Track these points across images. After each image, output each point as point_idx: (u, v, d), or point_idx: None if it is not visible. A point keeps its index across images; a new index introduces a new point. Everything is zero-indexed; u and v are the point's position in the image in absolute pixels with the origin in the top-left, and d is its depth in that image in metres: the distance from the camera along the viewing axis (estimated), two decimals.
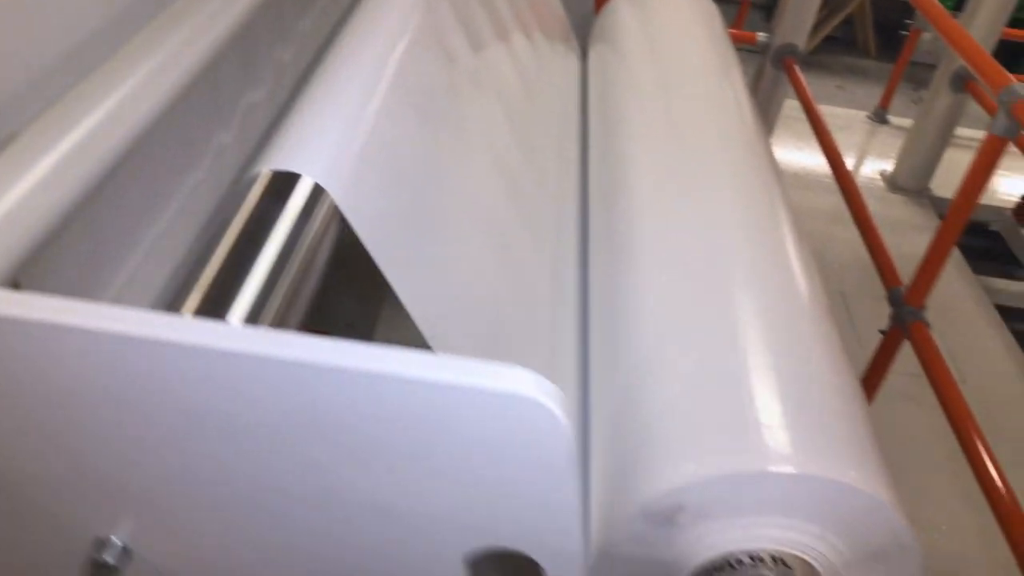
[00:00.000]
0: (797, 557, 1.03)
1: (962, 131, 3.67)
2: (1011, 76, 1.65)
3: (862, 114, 4.01)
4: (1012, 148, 1.67)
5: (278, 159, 0.77)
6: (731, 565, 0.99)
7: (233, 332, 0.40)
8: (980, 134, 3.92)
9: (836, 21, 5.82)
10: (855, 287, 2.81)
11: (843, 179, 2.35)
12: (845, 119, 3.97)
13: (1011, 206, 3.43)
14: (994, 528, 1.58)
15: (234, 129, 0.98)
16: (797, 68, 2.98)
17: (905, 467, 2.15)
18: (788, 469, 0.95)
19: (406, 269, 0.83)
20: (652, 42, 2.03)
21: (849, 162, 3.65)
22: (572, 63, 2.19)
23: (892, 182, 3.46)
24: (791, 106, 3.19)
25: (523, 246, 1.32)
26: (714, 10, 2.29)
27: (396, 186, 0.93)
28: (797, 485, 0.95)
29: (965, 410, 1.66)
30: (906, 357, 1.99)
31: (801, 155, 3.58)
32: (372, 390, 0.40)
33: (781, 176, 1.56)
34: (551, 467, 0.42)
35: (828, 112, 3.97)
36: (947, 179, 3.53)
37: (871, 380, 1.99)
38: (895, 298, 1.91)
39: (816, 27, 5.80)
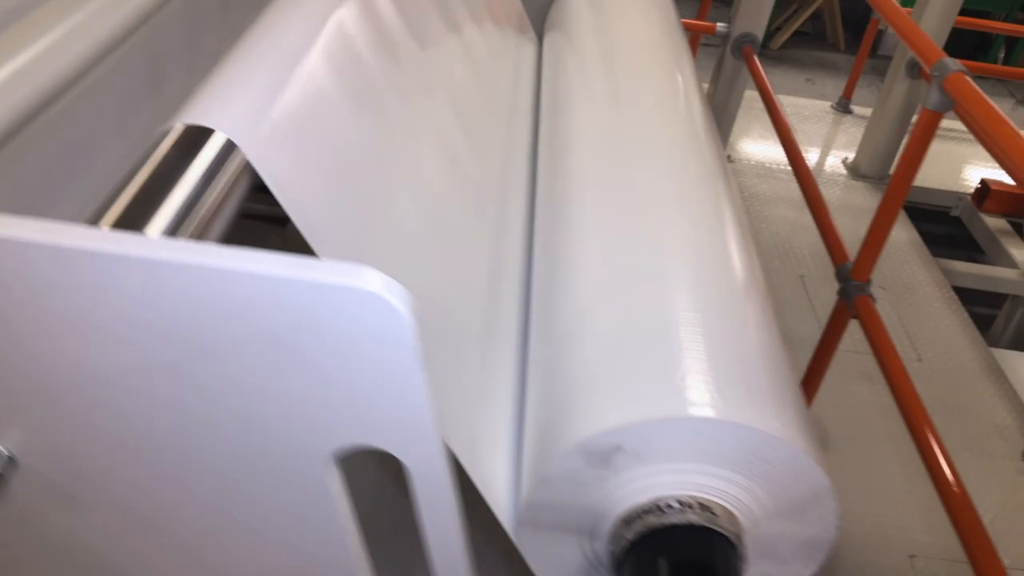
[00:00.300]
0: (722, 505, 1.07)
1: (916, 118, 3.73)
2: (943, 52, 1.70)
3: (827, 104, 4.07)
4: (970, 135, 1.69)
5: (192, 114, 0.80)
6: (660, 509, 1.02)
7: (92, 234, 0.43)
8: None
9: (805, 16, 5.89)
10: (815, 271, 2.86)
11: (798, 165, 2.39)
12: (810, 109, 4.02)
13: (970, 191, 3.49)
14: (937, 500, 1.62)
15: (184, 78, 1.00)
16: (756, 58, 3.03)
17: (856, 441, 2.19)
18: (718, 415, 0.98)
19: (328, 232, 0.86)
20: (602, 28, 2.07)
21: (813, 151, 3.71)
22: (527, 48, 2.23)
23: (854, 169, 3.51)
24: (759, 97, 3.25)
25: (460, 217, 1.35)
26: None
27: (320, 149, 0.95)
28: (726, 433, 0.99)
29: (908, 384, 1.70)
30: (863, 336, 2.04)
31: (767, 145, 3.62)
32: (223, 287, 0.43)
33: (725, 159, 1.61)
34: (399, 363, 0.45)
35: (794, 103, 4.03)
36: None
37: (822, 355, 2.03)
38: (842, 274, 1.95)
39: (785, 22, 5.87)
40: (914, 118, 3.44)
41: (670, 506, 1.03)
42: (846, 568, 1.92)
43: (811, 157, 3.65)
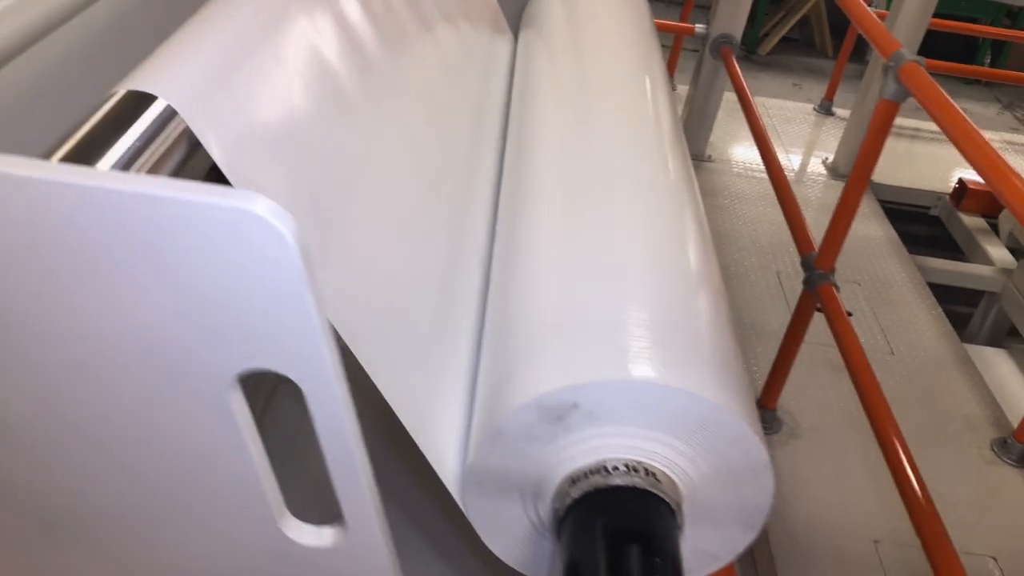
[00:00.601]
0: (665, 472, 1.10)
1: (899, 120, 3.78)
2: (899, 43, 1.74)
3: (809, 107, 4.12)
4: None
5: (135, 79, 0.83)
6: (607, 470, 1.06)
7: None
8: (914, 122, 4.03)
9: (792, 23, 5.95)
10: (791, 267, 2.90)
11: (770, 161, 2.44)
12: (793, 111, 4.07)
13: (949, 191, 3.53)
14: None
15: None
16: (734, 58, 3.08)
17: (824, 430, 2.23)
18: (674, 383, 1.02)
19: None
20: (573, 26, 2.12)
21: (795, 151, 3.75)
22: (502, 46, 2.27)
23: (834, 169, 3.56)
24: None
25: (421, 201, 1.39)
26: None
27: (268, 121, 0.99)
28: (678, 400, 1.03)
29: (868, 372, 1.74)
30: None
31: (748, 146, 3.66)
32: (110, 208, 0.46)
33: (686, 154, 1.66)
34: (287, 286, 0.48)
35: (778, 104, 4.07)
36: (887, 165, 3.64)
37: (790, 342, 2.07)
38: (807, 263, 1.99)
39: (773, 28, 5.93)
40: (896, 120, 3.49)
41: (616, 468, 1.07)
42: (812, 552, 1.95)
43: (793, 158, 3.69)
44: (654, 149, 1.56)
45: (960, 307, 3.49)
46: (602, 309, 1.13)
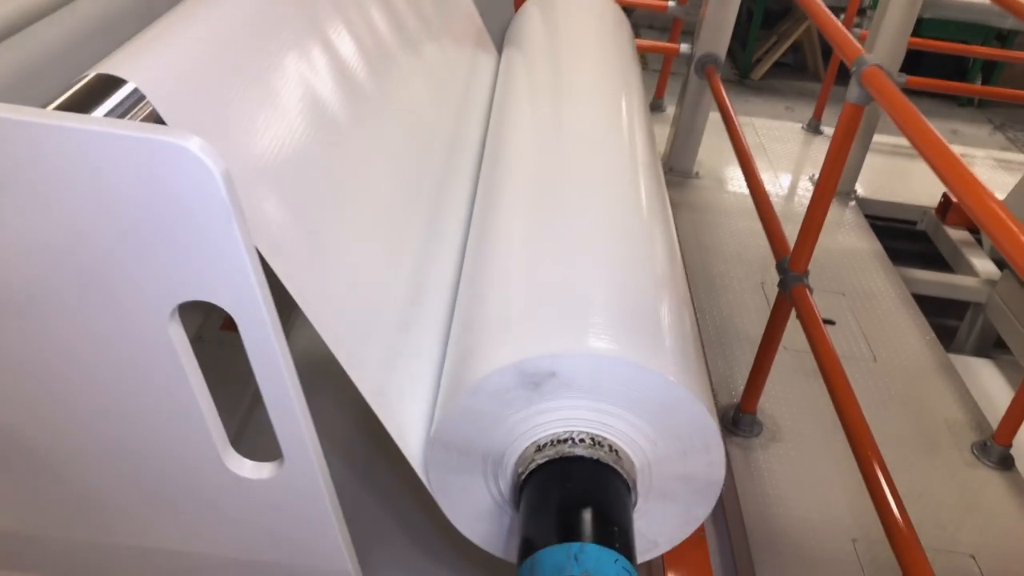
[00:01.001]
0: (625, 450, 1.15)
1: (883, 138, 3.84)
2: (862, 49, 1.80)
3: (798, 126, 4.18)
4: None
5: (107, 63, 0.89)
6: (574, 440, 1.11)
7: None
8: (898, 139, 4.09)
9: (785, 47, 6.05)
10: (775, 278, 2.93)
11: (750, 175, 2.50)
12: (781, 131, 4.14)
13: (935, 205, 3.57)
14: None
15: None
16: (718, 77, 3.15)
17: (804, 432, 2.26)
18: (649, 367, 1.07)
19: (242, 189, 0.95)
20: (552, 45, 2.20)
21: (784, 169, 3.81)
22: (486, 62, 2.34)
23: None
24: (742, 122, 3.36)
25: (397, 203, 1.44)
26: (621, 17, 2.46)
27: (233, 109, 1.04)
28: (651, 382, 1.08)
29: (841, 373, 1.77)
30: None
31: (734, 163, 3.72)
32: (51, 143, 0.51)
33: (658, 165, 1.72)
34: (216, 218, 0.53)
35: (766, 124, 4.15)
36: (873, 180, 3.70)
37: (768, 343, 2.11)
38: (782, 266, 2.04)
39: (766, 54, 6.02)
40: (876, 137, 3.56)
41: (583, 440, 1.11)
42: (792, 552, 1.97)
43: (782, 175, 3.74)
44: (626, 158, 1.62)
45: (949, 320, 3.52)
46: (578, 293, 1.19)
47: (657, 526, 1.20)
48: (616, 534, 1.04)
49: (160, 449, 0.67)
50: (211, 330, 1.89)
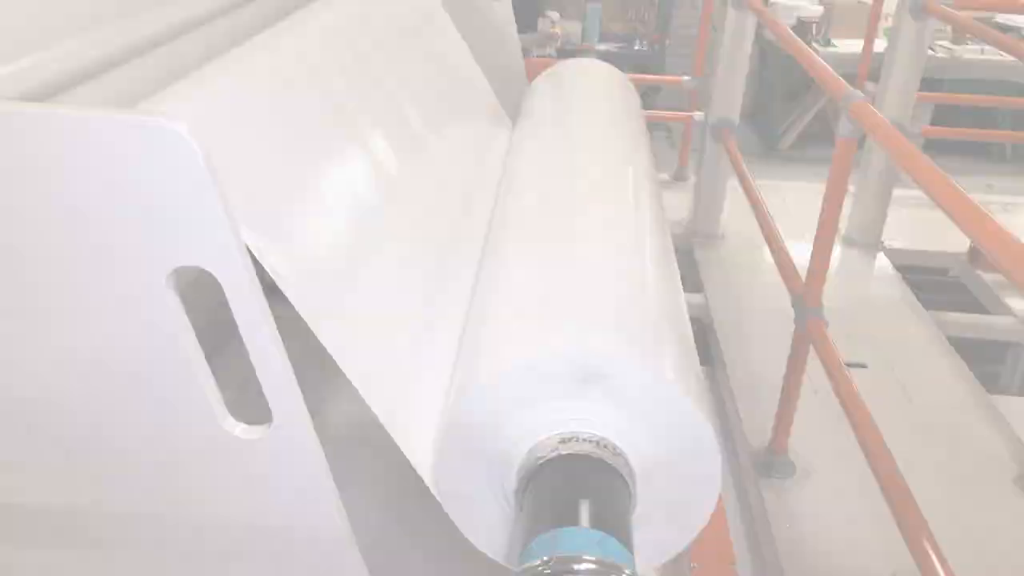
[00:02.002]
0: (628, 457, 1.19)
1: (907, 192, 3.89)
2: (848, 86, 1.89)
3: (821, 185, 4.24)
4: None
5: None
6: (587, 441, 1.16)
7: None
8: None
9: (808, 117, 6.17)
10: None
11: (767, 230, 2.57)
12: (806, 191, 4.19)
13: (964, 250, 3.57)
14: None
15: None
16: (734, 141, 3.26)
17: (835, 467, 2.24)
18: (667, 379, 1.14)
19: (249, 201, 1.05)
20: (561, 118, 2.34)
21: (809, 228, 3.85)
22: (500, 133, 2.49)
23: (848, 240, 3.65)
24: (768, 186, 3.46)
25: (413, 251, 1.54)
26: (626, 84, 2.60)
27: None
28: (661, 393, 1.14)
29: (857, 401, 1.79)
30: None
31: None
32: (46, 131, 0.62)
33: (664, 220, 1.81)
34: (197, 190, 0.63)
35: (791, 187, 4.23)
36: (900, 232, 3.73)
37: (791, 383, 2.13)
38: (797, 302, 2.08)
39: (791, 124, 6.15)
40: (900, 191, 3.61)
41: (591, 440, 1.16)
42: None
43: (808, 234, 3.79)
44: (630, 208, 1.72)
45: (987, 364, 3.46)
46: (609, 305, 1.27)
47: (652, 536, 1.23)
48: (617, 528, 1.08)
49: (158, 411, 0.75)
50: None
